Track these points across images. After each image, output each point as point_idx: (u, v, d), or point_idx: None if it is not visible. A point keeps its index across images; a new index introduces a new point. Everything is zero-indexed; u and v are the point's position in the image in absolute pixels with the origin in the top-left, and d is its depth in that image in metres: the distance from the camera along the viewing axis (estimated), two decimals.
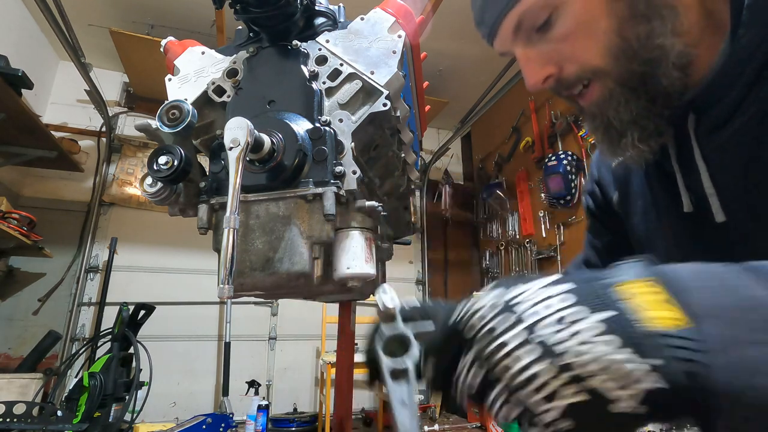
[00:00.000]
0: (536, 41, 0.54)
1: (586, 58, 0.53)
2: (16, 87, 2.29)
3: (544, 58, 0.55)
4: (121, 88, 3.77)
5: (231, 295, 0.40)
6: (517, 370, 0.28)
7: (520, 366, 0.27)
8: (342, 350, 0.84)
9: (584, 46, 0.52)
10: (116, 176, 3.52)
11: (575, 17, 0.51)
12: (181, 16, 3.15)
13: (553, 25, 0.52)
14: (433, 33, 3.08)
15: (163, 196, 0.50)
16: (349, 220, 0.52)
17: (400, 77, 0.55)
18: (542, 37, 0.54)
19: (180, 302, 3.38)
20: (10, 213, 2.53)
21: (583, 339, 0.26)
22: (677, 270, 0.30)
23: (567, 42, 0.53)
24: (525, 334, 0.28)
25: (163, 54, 0.65)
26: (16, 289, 3.10)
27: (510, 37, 0.56)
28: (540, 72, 0.55)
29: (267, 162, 0.48)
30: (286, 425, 3.07)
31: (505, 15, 0.55)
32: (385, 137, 0.63)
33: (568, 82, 0.55)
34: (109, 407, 2.01)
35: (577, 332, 0.27)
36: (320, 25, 0.61)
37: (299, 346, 3.68)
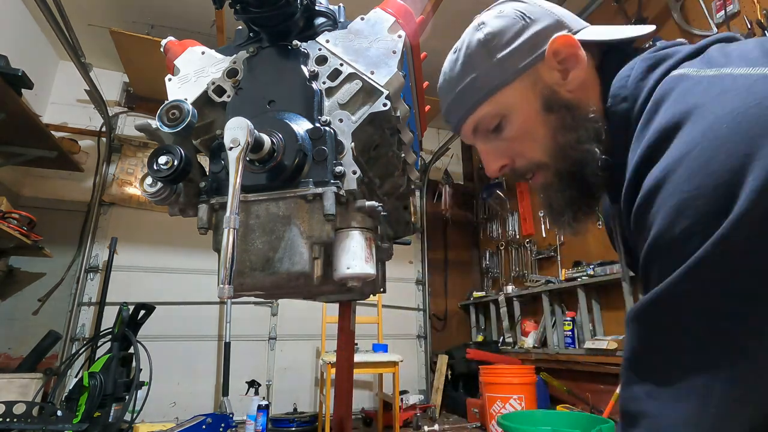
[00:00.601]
0: (492, 139, 0.67)
1: (531, 155, 0.65)
2: (16, 87, 2.29)
3: (498, 153, 0.67)
4: (121, 88, 3.77)
5: (231, 295, 0.40)
6: None
7: None
8: (342, 350, 0.84)
9: (528, 147, 0.64)
10: (116, 176, 3.52)
11: (518, 126, 0.64)
12: (181, 16, 3.15)
13: (503, 128, 0.65)
14: (433, 33, 3.08)
15: (163, 196, 0.50)
16: (349, 220, 0.52)
17: (400, 77, 0.55)
18: (496, 136, 0.66)
19: (180, 302, 3.38)
20: (10, 213, 2.53)
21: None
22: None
23: (515, 142, 0.65)
24: None
25: (163, 54, 0.65)
26: (16, 289, 3.10)
27: (470, 136, 0.69)
28: (496, 163, 0.68)
29: (267, 162, 0.48)
30: (286, 425, 3.07)
31: (464, 120, 0.67)
32: (385, 137, 0.63)
33: (520, 171, 0.67)
34: (109, 407, 2.01)
35: None
36: (320, 25, 0.61)
37: (299, 346, 3.68)
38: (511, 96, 0.63)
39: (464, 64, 0.66)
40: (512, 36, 0.63)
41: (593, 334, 2.88)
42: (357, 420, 3.42)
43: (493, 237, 4.24)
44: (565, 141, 0.62)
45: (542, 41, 0.62)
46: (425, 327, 4.13)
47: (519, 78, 0.63)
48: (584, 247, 3.15)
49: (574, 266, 3.04)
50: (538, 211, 3.66)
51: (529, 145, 0.64)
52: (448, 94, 0.68)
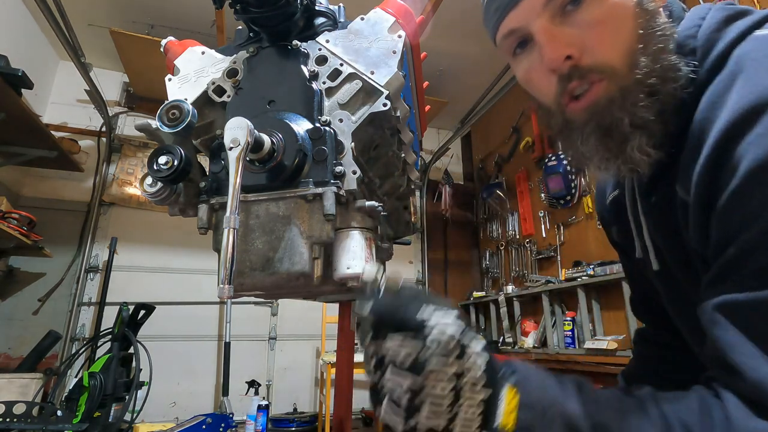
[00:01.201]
0: (565, 19, 0.53)
1: (608, 52, 0.52)
2: (16, 87, 2.29)
3: (567, 40, 0.52)
4: (121, 88, 3.77)
5: (231, 295, 0.40)
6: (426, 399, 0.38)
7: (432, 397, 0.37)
8: (342, 350, 0.84)
9: (609, 38, 0.52)
10: (116, 176, 3.52)
11: (609, 6, 0.51)
12: (181, 16, 3.15)
13: (583, 8, 0.52)
14: (433, 33, 3.08)
15: (163, 196, 0.50)
16: (349, 220, 0.52)
17: (400, 77, 0.55)
18: (571, 16, 0.52)
19: (180, 302, 3.38)
20: (10, 213, 2.53)
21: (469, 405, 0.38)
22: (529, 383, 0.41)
23: (593, 30, 0.52)
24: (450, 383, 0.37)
25: (163, 54, 0.65)
26: (16, 289, 3.10)
27: (541, 4, 0.53)
28: (565, 48, 0.52)
29: (267, 162, 0.48)
30: (286, 425, 3.07)
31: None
32: (385, 137, 0.63)
33: (582, 71, 0.53)
34: (109, 407, 2.01)
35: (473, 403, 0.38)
36: (320, 25, 0.61)
37: (299, 346, 3.68)
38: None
39: None
40: None
41: (593, 334, 2.88)
42: (357, 420, 3.42)
43: (493, 237, 4.24)
44: (653, 45, 0.51)
45: None
46: None
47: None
48: (584, 247, 3.15)
49: (574, 266, 3.03)
50: (538, 211, 3.66)
51: (610, 37, 0.52)
52: None
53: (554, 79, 0.55)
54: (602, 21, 0.51)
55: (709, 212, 0.46)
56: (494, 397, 0.38)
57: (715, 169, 0.45)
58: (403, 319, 0.38)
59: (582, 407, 0.40)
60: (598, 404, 0.41)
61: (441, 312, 0.39)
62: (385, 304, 0.39)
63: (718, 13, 0.52)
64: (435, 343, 0.37)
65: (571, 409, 0.39)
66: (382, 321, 0.39)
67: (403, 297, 0.40)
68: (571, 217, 3.32)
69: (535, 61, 0.57)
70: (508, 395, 0.39)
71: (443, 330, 0.37)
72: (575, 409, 0.40)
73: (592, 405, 0.40)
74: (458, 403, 0.37)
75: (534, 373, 0.42)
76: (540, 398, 0.40)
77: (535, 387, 0.41)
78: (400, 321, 0.38)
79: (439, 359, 0.37)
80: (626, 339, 2.61)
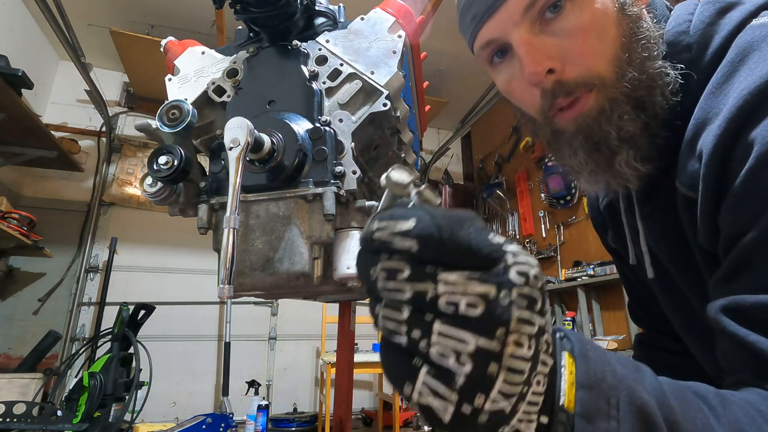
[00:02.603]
0: (543, 29, 0.50)
1: (592, 62, 0.49)
2: (16, 87, 2.29)
3: (548, 51, 0.49)
4: (121, 88, 3.77)
5: (231, 295, 0.40)
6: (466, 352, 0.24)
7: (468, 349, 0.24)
8: (342, 350, 0.84)
9: (592, 47, 0.49)
10: (116, 176, 3.52)
11: (591, 14, 0.49)
12: (181, 16, 3.15)
13: (563, 16, 0.49)
14: (433, 33, 3.08)
15: (163, 196, 0.50)
16: (349, 220, 0.52)
17: (400, 77, 0.55)
18: (550, 25, 0.50)
19: (180, 302, 3.38)
20: (10, 213, 2.53)
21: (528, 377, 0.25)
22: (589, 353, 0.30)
23: (575, 39, 0.49)
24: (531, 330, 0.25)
25: (163, 54, 0.65)
26: (16, 289, 3.10)
27: (519, 14, 0.50)
28: (546, 61, 0.49)
29: (267, 162, 0.48)
30: (286, 425, 3.07)
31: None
32: (385, 137, 0.63)
33: (568, 85, 0.50)
34: (109, 407, 2.01)
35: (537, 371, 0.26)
36: (320, 25, 0.61)
37: (299, 346, 3.68)
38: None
39: None
40: None
41: (593, 334, 2.88)
42: (357, 420, 3.42)
43: None
44: (637, 51, 0.49)
45: None
46: None
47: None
48: (584, 247, 3.15)
49: (574, 266, 3.04)
50: (538, 211, 3.66)
51: (594, 45, 0.49)
52: None
53: (537, 92, 0.52)
54: (584, 29, 0.49)
55: (720, 201, 0.44)
56: (557, 365, 0.28)
57: (726, 156, 0.43)
58: (471, 243, 0.24)
59: (650, 395, 0.30)
60: (664, 395, 0.31)
61: (513, 243, 0.26)
62: (439, 217, 0.25)
63: (708, 6, 0.50)
64: (521, 283, 0.24)
65: (643, 396, 0.29)
66: (435, 244, 0.24)
67: (457, 214, 0.26)
68: (571, 217, 3.32)
69: (515, 72, 0.54)
70: (567, 363, 0.28)
71: (528, 264, 0.25)
72: (646, 395, 0.29)
73: (659, 395, 0.31)
74: (533, 375, 0.25)
75: (590, 343, 0.31)
76: (602, 377, 0.29)
77: (596, 362, 0.29)
78: (466, 246, 0.24)
79: (527, 308, 0.24)
80: (626, 339, 2.61)
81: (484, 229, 0.25)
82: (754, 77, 0.42)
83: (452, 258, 0.24)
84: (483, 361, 0.24)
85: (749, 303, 0.40)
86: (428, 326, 0.24)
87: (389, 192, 0.31)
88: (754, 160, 0.40)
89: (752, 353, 0.39)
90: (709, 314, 0.44)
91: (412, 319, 0.25)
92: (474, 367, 0.24)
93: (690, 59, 0.50)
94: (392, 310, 0.25)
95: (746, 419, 0.33)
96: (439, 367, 0.24)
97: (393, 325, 0.25)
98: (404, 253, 0.25)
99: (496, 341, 0.24)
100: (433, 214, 0.25)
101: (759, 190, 0.40)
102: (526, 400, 0.25)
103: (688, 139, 0.49)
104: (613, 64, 0.49)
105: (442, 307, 0.24)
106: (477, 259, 0.24)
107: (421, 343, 0.24)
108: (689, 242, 0.52)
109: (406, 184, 0.30)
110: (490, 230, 0.26)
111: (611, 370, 0.29)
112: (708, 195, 0.45)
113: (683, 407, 0.31)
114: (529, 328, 0.24)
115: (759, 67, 0.42)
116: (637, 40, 0.50)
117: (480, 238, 0.25)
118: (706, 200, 0.46)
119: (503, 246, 0.25)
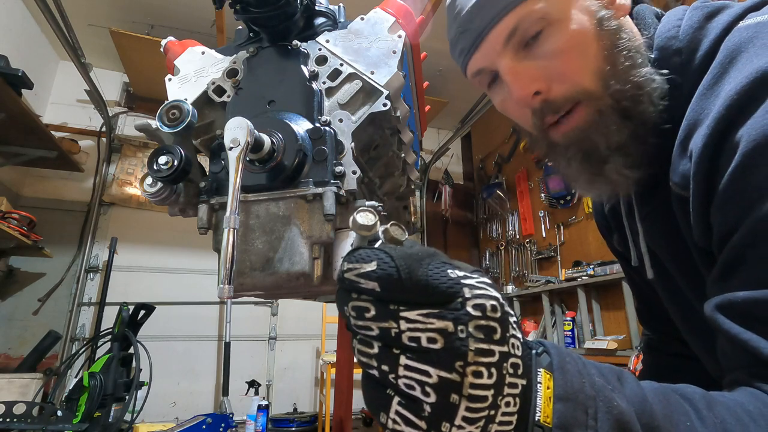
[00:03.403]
0: (526, 53, 0.53)
1: (577, 78, 0.52)
2: (16, 87, 2.29)
3: (532, 74, 0.53)
4: (121, 88, 3.77)
5: (231, 295, 0.40)
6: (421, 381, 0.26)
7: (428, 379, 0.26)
8: (342, 350, 0.84)
9: (575, 65, 0.52)
10: (116, 176, 3.52)
11: (569, 37, 0.51)
12: (181, 16, 3.15)
13: (545, 39, 0.52)
14: (433, 33, 3.08)
15: (163, 196, 0.50)
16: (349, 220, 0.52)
17: (400, 77, 0.55)
18: (532, 50, 0.53)
19: (180, 302, 3.38)
20: (10, 213, 2.53)
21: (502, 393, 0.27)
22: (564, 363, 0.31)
23: (558, 59, 0.52)
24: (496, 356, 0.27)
25: (163, 54, 0.65)
26: (16, 289, 3.10)
27: (500, 44, 0.54)
28: (531, 85, 0.53)
29: (267, 162, 0.48)
30: (286, 425, 3.07)
31: (501, 18, 0.53)
32: (385, 137, 0.63)
33: (556, 103, 0.53)
34: (109, 407, 2.01)
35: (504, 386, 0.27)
36: (320, 25, 0.61)
37: (299, 346, 3.68)
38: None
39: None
40: None
41: (593, 334, 2.88)
42: (357, 420, 3.42)
43: (493, 237, 4.24)
44: (621, 62, 0.51)
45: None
46: None
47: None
48: (584, 247, 3.15)
49: (574, 266, 3.04)
50: (538, 211, 3.66)
51: (576, 63, 0.51)
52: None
53: (528, 111, 0.56)
54: (565, 50, 0.51)
55: (710, 199, 0.45)
56: (531, 383, 0.29)
57: (715, 155, 0.44)
58: (428, 281, 0.26)
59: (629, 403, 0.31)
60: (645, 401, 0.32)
61: (473, 273, 0.28)
62: (397, 258, 0.27)
63: (696, 12, 0.51)
64: (478, 316, 0.26)
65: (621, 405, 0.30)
66: (395, 284, 0.26)
67: (417, 252, 0.28)
68: (571, 217, 3.32)
69: (507, 95, 0.58)
70: (544, 379, 0.30)
71: (485, 296, 0.27)
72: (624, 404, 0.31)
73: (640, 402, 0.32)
74: (499, 398, 0.27)
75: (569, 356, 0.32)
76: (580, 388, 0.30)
77: (573, 374, 0.31)
78: (424, 284, 0.26)
79: (484, 339, 0.26)
80: (626, 339, 2.61)
81: (444, 264, 0.28)
82: (741, 77, 0.43)
83: (412, 296, 0.27)
84: (445, 391, 0.26)
85: (741, 299, 0.40)
86: (395, 360, 0.27)
87: (360, 229, 0.33)
88: (740, 158, 0.41)
89: (746, 351, 0.39)
90: (706, 313, 0.44)
91: (381, 353, 0.27)
92: (437, 397, 0.26)
93: (680, 63, 0.51)
94: (364, 346, 0.28)
95: (732, 419, 0.34)
96: (408, 397, 0.27)
97: (366, 359, 0.28)
98: (369, 293, 0.27)
99: (455, 373, 0.26)
100: (394, 254, 0.27)
101: (745, 188, 0.40)
102: (496, 421, 0.27)
103: (680, 140, 0.49)
104: (597, 78, 0.52)
105: (406, 342, 0.26)
106: (435, 295, 0.26)
107: (390, 376, 0.27)
108: (687, 242, 0.53)
109: (370, 226, 0.32)
110: (451, 265, 0.28)
111: (589, 381, 0.31)
112: (699, 194, 0.46)
113: (666, 411, 0.33)
114: (488, 358, 0.26)
115: (747, 67, 0.43)
116: (619, 51, 0.51)
117: (438, 275, 0.27)
118: (697, 199, 0.46)
119: (461, 280, 0.27)
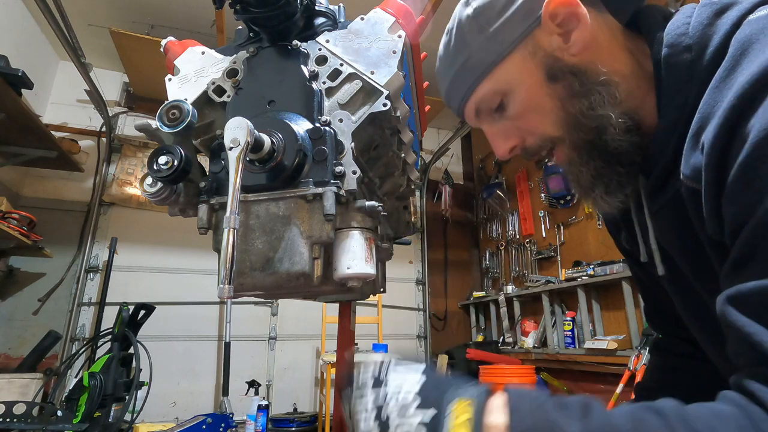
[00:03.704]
0: (497, 119, 0.62)
1: (541, 130, 0.60)
2: (16, 87, 2.29)
3: (506, 133, 0.62)
4: (121, 88, 3.77)
5: (231, 295, 0.40)
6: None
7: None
8: (342, 350, 0.84)
9: (537, 122, 0.59)
10: (116, 176, 3.52)
11: (522, 102, 0.59)
12: (181, 16, 3.15)
13: (506, 106, 0.60)
14: (433, 33, 3.08)
15: (163, 196, 0.50)
16: (349, 220, 0.52)
17: (400, 77, 0.55)
18: (501, 116, 0.61)
19: (180, 302, 3.38)
20: (10, 213, 2.53)
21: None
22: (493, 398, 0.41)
23: (521, 120, 0.60)
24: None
25: (163, 54, 0.65)
26: (16, 289, 3.10)
27: (474, 120, 0.65)
28: (505, 144, 0.63)
29: (267, 162, 0.48)
30: (286, 425, 3.07)
31: (465, 102, 0.63)
32: (385, 137, 0.63)
33: (533, 149, 0.62)
34: (109, 407, 2.01)
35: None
36: (320, 25, 0.61)
37: (299, 346, 3.68)
38: (510, 70, 0.58)
39: (457, 44, 0.60)
40: (503, 5, 0.56)
41: (593, 334, 2.88)
42: None
43: (493, 237, 4.24)
44: (576, 109, 0.56)
45: (537, 5, 0.56)
46: (425, 327, 4.13)
47: (516, 49, 0.57)
48: (584, 247, 3.15)
49: (574, 266, 3.04)
50: (538, 211, 3.66)
51: (537, 120, 0.59)
52: (445, 78, 0.64)
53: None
54: (523, 112, 0.59)
55: (722, 191, 0.44)
56: (440, 414, 0.40)
57: (726, 146, 0.44)
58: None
59: (584, 429, 0.36)
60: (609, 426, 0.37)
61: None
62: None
63: (705, 9, 0.52)
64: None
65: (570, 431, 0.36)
66: None
67: None
68: (571, 217, 3.32)
69: None
70: (457, 409, 0.39)
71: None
72: (574, 430, 0.36)
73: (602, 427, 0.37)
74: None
75: (527, 394, 0.40)
76: (534, 423, 0.37)
77: (527, 408, 0.39)
78: None
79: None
80: (626, 339, 2.61)
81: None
82: (753, 68, 0.43)
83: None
84: None
85: (749, 288, 0.39)
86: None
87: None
88: (750, 148, 0.40)
89: (750, 346, 0.38)
90: (717, 308, 0.44)
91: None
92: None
93: (690, 59, 0.51)
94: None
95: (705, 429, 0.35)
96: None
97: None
98: None
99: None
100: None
101: (755, 178, 0.40)
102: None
103: (692, 133, 0.49)
104: (558, 125, 0.58)
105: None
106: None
107: None
108: (698, 236, 0.52)
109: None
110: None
111: (541, 415, 0.38)
112: (711, 185, 0.46)
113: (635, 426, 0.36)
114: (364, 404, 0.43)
115: (759, 58, 0.43)
116: (575, 98, 0.56)
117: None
118: (710, 190, 0.46)
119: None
